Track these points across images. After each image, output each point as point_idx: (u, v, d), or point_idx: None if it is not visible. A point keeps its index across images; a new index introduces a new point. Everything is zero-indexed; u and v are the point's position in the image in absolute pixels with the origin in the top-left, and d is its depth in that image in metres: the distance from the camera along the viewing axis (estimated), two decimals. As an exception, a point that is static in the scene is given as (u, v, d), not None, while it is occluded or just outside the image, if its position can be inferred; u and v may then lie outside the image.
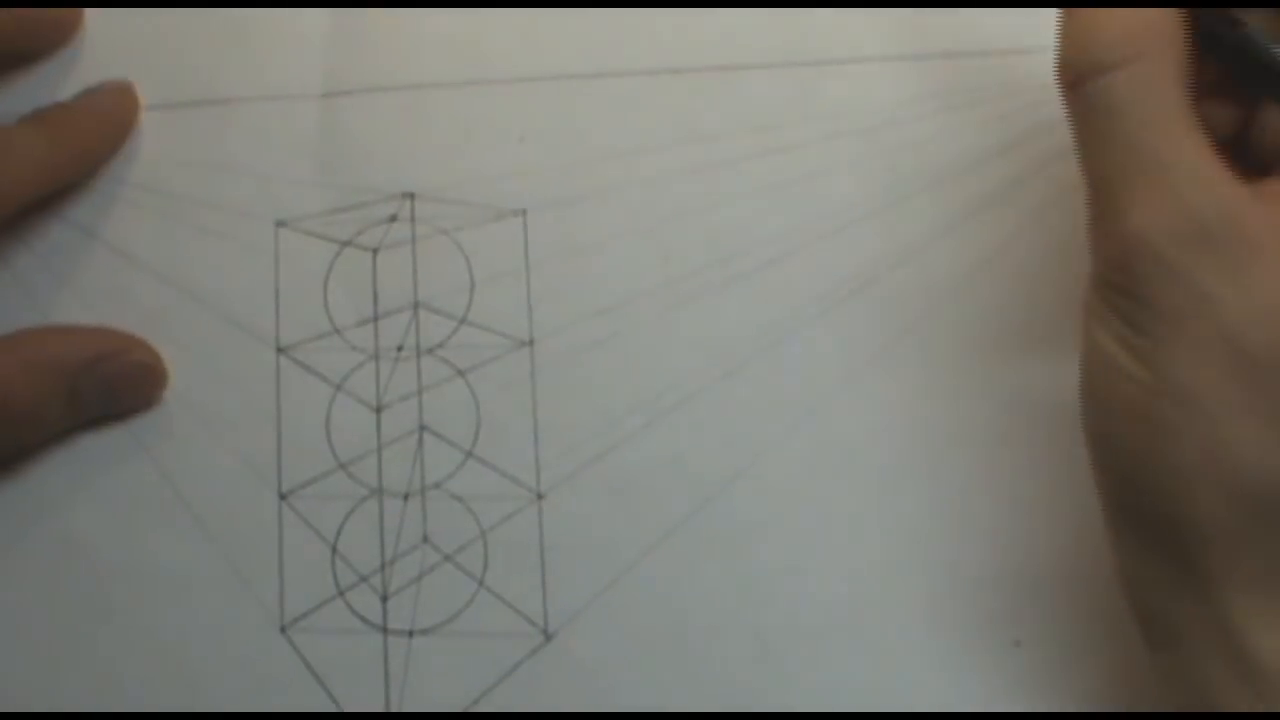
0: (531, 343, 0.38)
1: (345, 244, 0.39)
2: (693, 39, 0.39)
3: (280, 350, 0.38)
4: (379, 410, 0.38)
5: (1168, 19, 0.29)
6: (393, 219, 0.39)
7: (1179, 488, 0.28)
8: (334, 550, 0.37)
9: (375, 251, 0.39)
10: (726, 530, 0.37)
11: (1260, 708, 0.28)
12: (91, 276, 0.39)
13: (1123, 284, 0.29)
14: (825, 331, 0.38)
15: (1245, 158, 0.30)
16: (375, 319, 0.38)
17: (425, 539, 0.37)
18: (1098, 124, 0.29)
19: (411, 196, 0.39)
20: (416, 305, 0.38)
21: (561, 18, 0.39)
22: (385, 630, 0.37)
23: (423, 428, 0.38)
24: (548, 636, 0.37)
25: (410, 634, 0.37)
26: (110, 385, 0.37)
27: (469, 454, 0.38)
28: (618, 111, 0.39)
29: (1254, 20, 0.30)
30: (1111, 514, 0.31)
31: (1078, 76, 0.30)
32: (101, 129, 0.39)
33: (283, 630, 0.37)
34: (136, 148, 0.40)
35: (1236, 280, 0.28)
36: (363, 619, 0.37)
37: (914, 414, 0.37)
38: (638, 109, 0.39)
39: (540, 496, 0.37)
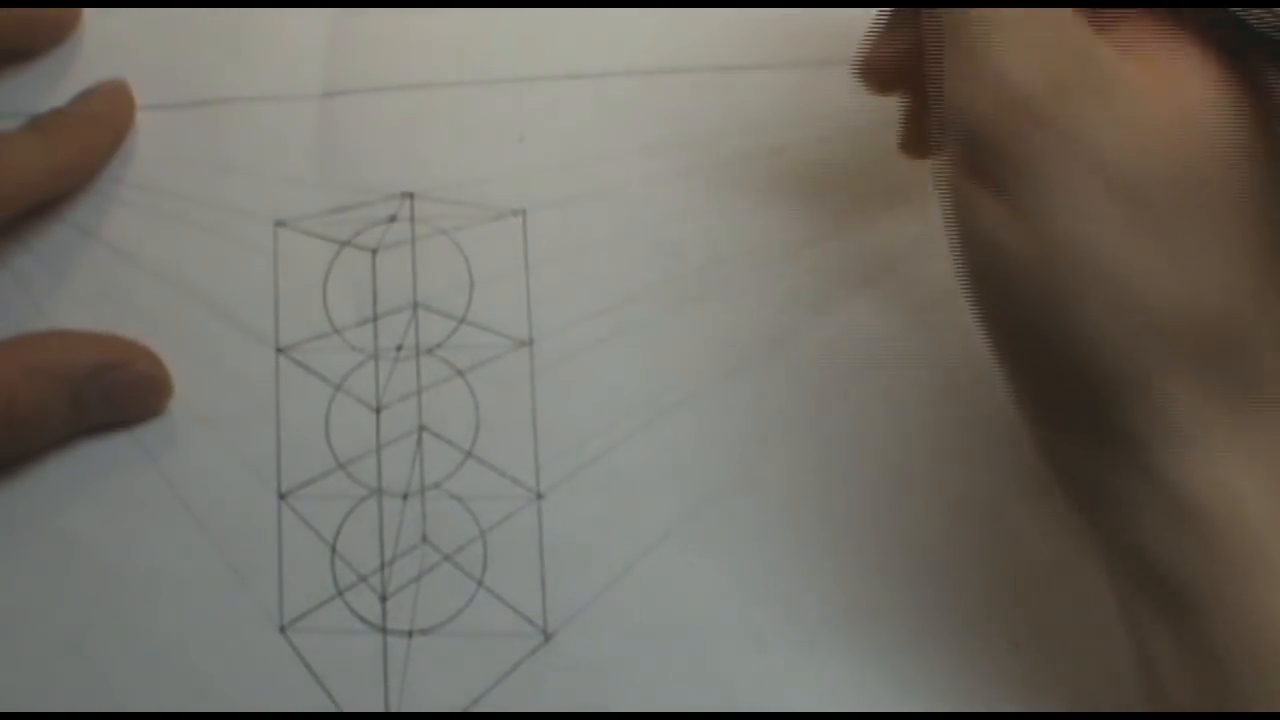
0: (531, 343, 0.38)
1: (344, 244, 0.39)
2: (693, 39, 0.39)
3: (279, 350, 0.38)
4: (378, 410, 0.38)
5: None
6: (392, 219, 0.39)
7: (1091, 345, 0.28)
8: (333, 550, 0.37)
9: (375, 251, 0.39)
10: (725, 530, 0.37)
11: (1196, 551, 0.28)
12: (91, 277, 0.39)
13: (997, 139, 0.28)
14: (825, 331, 0.38)
15: None
16: (374, 319, 0.38)
17: (424, 539, 0.37)
18: None
19: (411, 196, 0.39)
20: (416, 305, 0.38)
21: (561, 18, 0.40)
22: (384, 630, 0.37)
23: (422, 428, 0.38)
24: (547, 636, 0.36)
25: (409, 634, 0.37)
26: (114, 394, 0.37)
27: (468, 454, 0.38)
28: (617, 112, 0.39)
29: None
30: (1023, 394, 0.30)
31: None
32: (98, 133, 0.39)
33: (282, 630, 0.37)
34: (136, 148, 0.40)
35: (1107, 117, 0.28)
36: (362, 619, 0.37)
37: (914, 413, 0.37)
38: (637, 109, 0.39)
39: (539, 496, 0.37)
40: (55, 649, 0.37)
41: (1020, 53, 0.28)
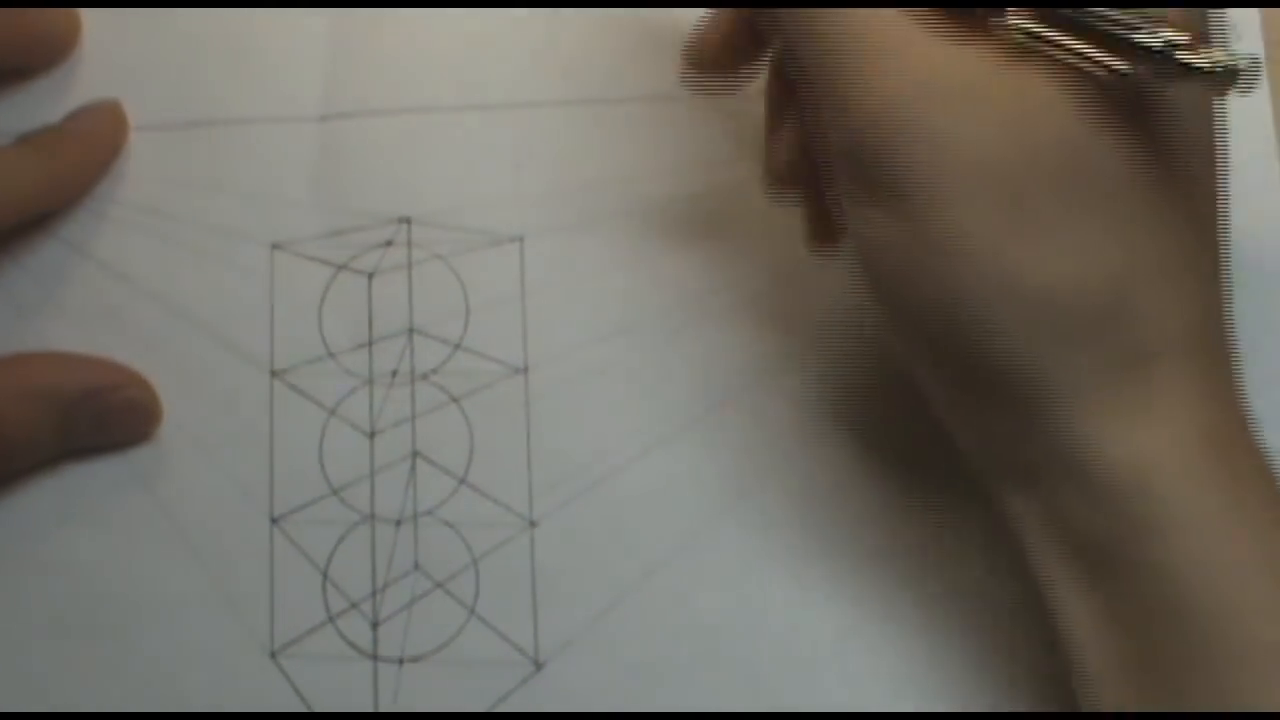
0: (526, 370, 0.38)
1: (341, 268, 0.39)
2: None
3: (274, 374, 0.38)
4: (372, 435, 0.38)
5: None
6: (389, 243, 0.39)
7: (985, 332, 0.29)
8: (325, 576, 0.37)
9: (371, 276, 0.39)
10: (719, 561, 0.37)
11: (1106, 515, 0.29)
12: (84, 297, 0.39)
13: (871, 157, 0.30)
14: (820, 360, 0.38)
15: None
16: (370, 344, 0.38)
17: (416, 566, 0.37)
18: (807, 20, 0.30)
19: (408, 221, 0.39)
20: (411, 330, 0.38)
21: (560, 44, 0.39)
22: (375, 657, 0.37)
23: (416, 454, 0.38)
24: (538, 666, 0.36)
25: (400, 661, 0.37)
26: (103, 419, 0.37)
27: (462, 481, 0.38)
28: (616, 138, 0.39)
29: None
30: (936, 389, 0.32)
31: None
32: (89, 151, 0.39)
33: (273, 656, 0.37)
34: (133, 168, 0.40)
35: (968, 116, 0.29)
36: (353, 645, 0.37)
37: (910, 443, 0.37)
38: (636, 135, 0.39)
39: (532, 525, 0.37)
40: (45, 671, 0.37)
41: (876, 77, 0.29)
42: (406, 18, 0.40)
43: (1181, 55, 0.27)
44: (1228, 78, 0.26)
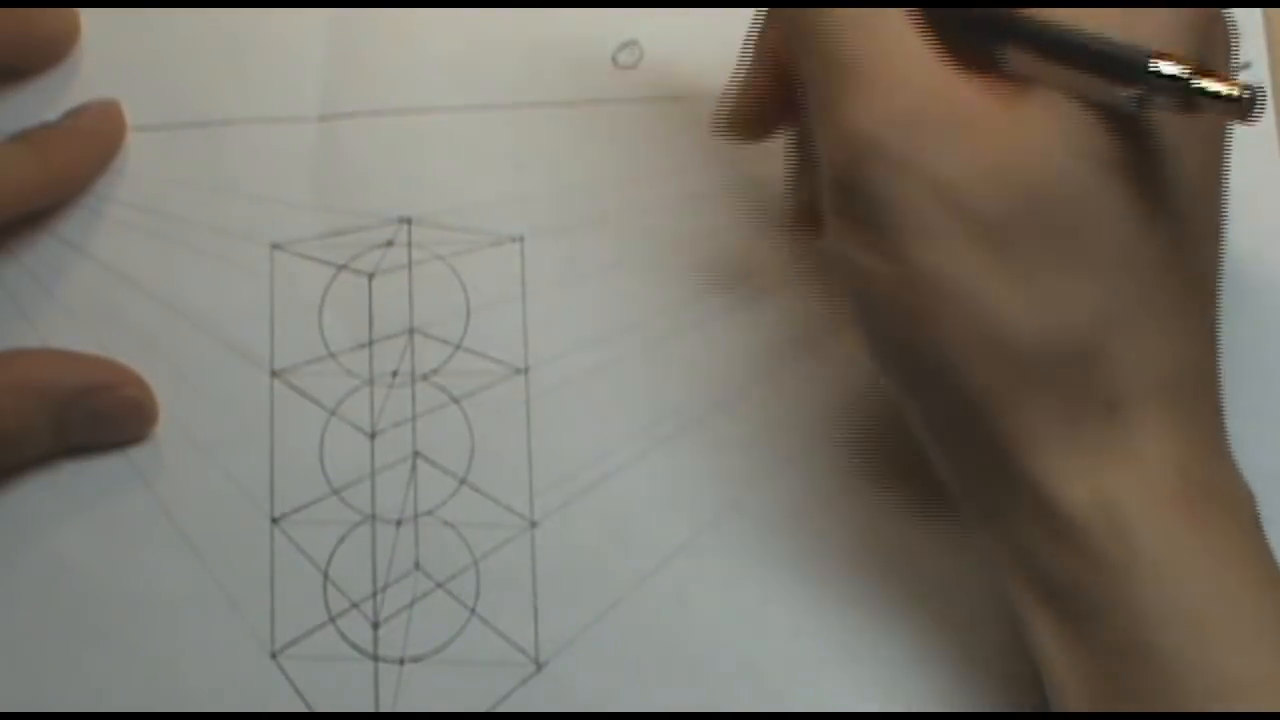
0: (527, 370, 0.38)
1: (341, 268, 0.39)
2: (693, 65, 0.39)
3: (274, 374, 0.38)
4: (373, 436, 0.38)
5: None
6: (389, 244, 0.39)
7: (955, 369, 0.29)
8: (325, 576, 0.37)
9: (371, 276, 0.39)
10: (719, 560, 0.37)
11: (1075, 558, 0.29)
12: (84, 296, 0.39)
13: (854, 184, 0.29)
14: (822, 360, 0.38)
15: None
16: (370, 344, 0.38)
17: (417, 566, 0.37)
18: (810, 27, 0.30)
19: (409, 221, 0.39)
20: (412, 331, 0.38)
21: (561, 44, 0.39)
22: (376, 658, 0.37)
23: (416, 454, 0.38)
24: (539, 666, 0.36)
25: (401, 662, 0.37)
26: (98, 418, 0.37)
27: (462, 481, 0.38)
28: (616, 138, 0.39)
29: None
30: (914, 416, 0.31)
31: None
32: (87, 149, 0.39)
33: (273, 656, 0.37)
34: (132, 168, 0.40)
35: (956, 152, 0.28)
36: (354, 646, 0.37)
37: (912, 445, 0.37)
38: (637, 135, 0.39)
39: (533, 525, 0.37)
40: (44, 671, 0.37)
41: (869, 99, 0.29)
42: (406, 18, 0.40)
43: (1196, 81, 0.26)
44: (1245, 105, 0.26)
